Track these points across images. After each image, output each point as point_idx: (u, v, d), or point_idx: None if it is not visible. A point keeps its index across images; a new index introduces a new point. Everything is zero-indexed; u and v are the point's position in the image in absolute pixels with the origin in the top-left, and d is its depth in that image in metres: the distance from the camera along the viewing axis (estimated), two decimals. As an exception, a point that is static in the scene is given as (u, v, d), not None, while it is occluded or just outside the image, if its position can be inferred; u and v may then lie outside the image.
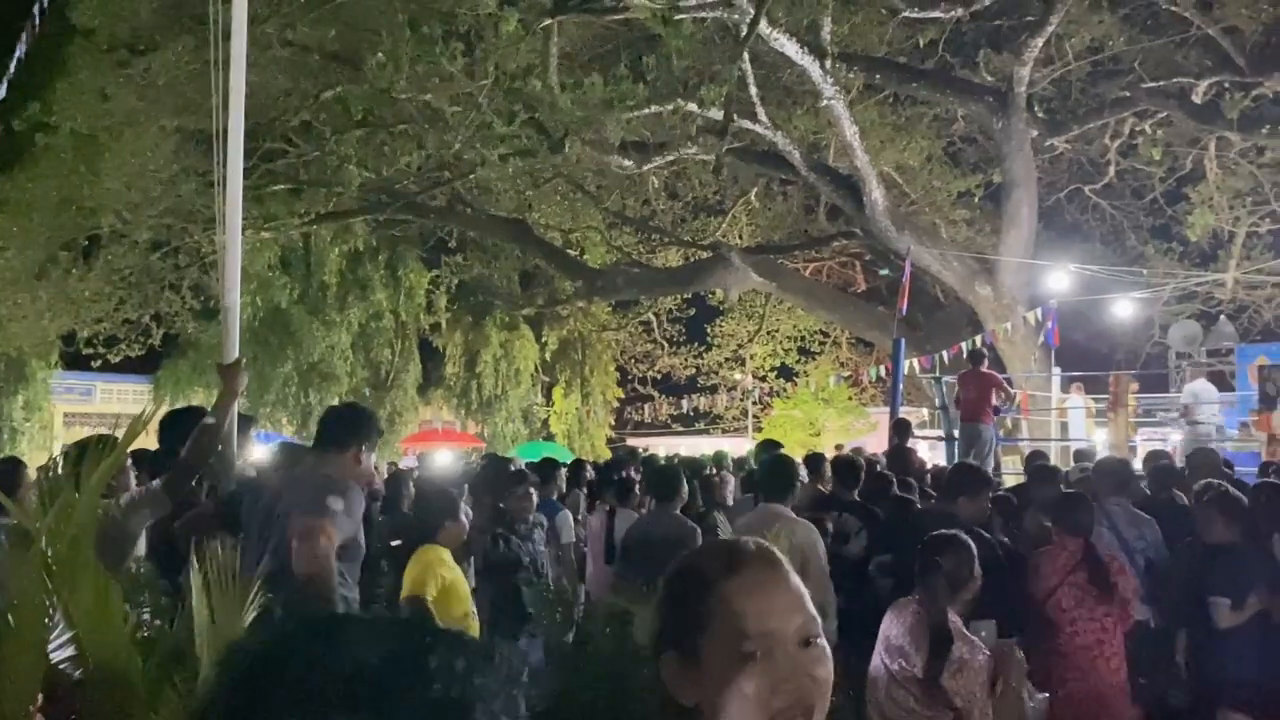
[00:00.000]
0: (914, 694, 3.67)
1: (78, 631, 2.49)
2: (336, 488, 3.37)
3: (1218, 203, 17.23)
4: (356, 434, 3.63)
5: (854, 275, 23.89)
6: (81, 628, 2.48)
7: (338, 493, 3.33)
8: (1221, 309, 18.70)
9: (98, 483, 2.62)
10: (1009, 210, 15.42)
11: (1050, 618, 4.56)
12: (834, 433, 28.49)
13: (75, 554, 2.50)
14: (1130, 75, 16.26)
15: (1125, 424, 12.42)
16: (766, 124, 14.30)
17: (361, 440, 3.63)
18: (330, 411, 4.01)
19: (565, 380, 27.26)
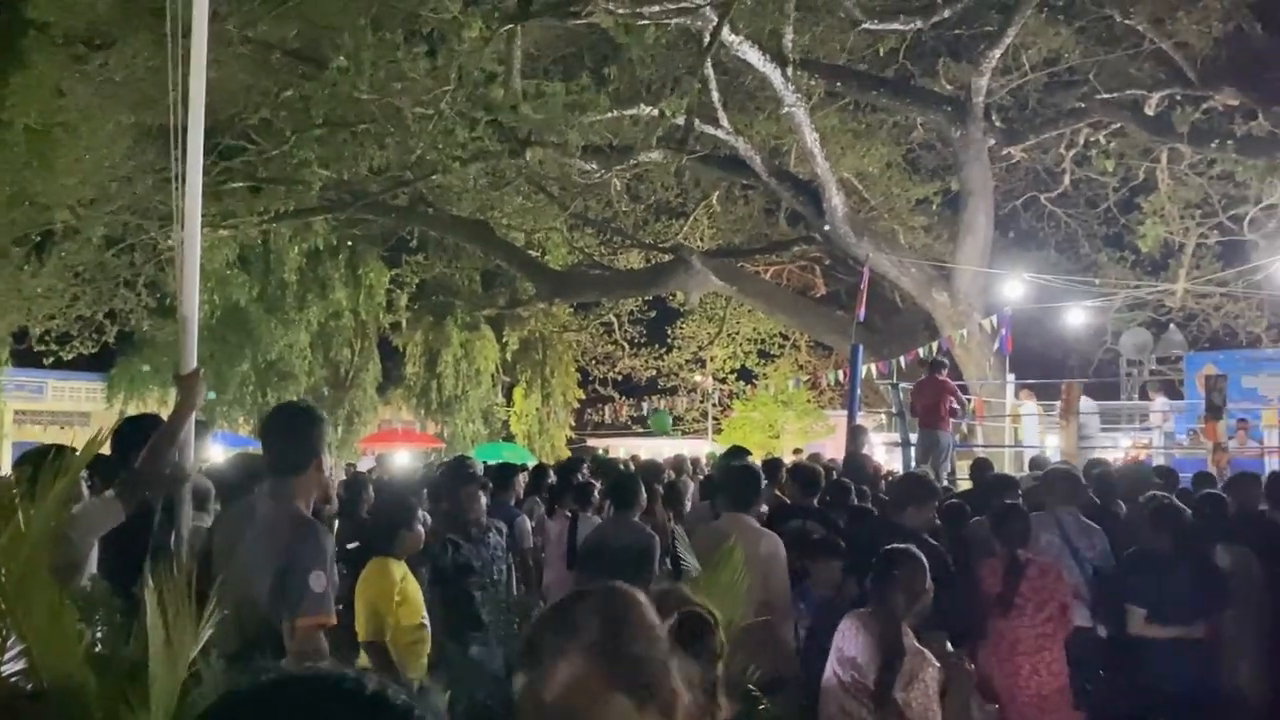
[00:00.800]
0: (866, 705, 3.73)
1: (31, 649, 2.47)
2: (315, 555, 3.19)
3: (1169, 213, 17.59)
4: (315, 449, 3.47)
5: (814, 280, 24.06)
6: (35, 645, 2.47)
7: (319, 565, 3.17)
8: (1171, 317, 19.11)
9: (54, 501, 2.60)
10: (966, 218, 15.64)
11: (992, 626, 4.65)
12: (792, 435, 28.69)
13: (29, 571, 2.49)
14: (1085, 86, 16.55)
15: (1075, 431, 12.65)
16: (728, 129, 14.39)
17: (320, 453, 3.50)
18: (280, 421, 3.60)
19: (526, 381, 27.21)
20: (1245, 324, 20.31)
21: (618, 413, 27.92)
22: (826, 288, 23.78)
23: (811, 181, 15.66)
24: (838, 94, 16.54)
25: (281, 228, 19.93)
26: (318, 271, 23.20)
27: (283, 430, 3.48)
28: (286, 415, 3.77)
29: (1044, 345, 19.73)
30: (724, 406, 30.85)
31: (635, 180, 20.51)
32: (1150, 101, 16.04)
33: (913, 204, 19.68)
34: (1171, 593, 4.97)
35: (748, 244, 22.30)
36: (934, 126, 16.80)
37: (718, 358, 27.54)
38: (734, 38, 11.79)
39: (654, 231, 22.52)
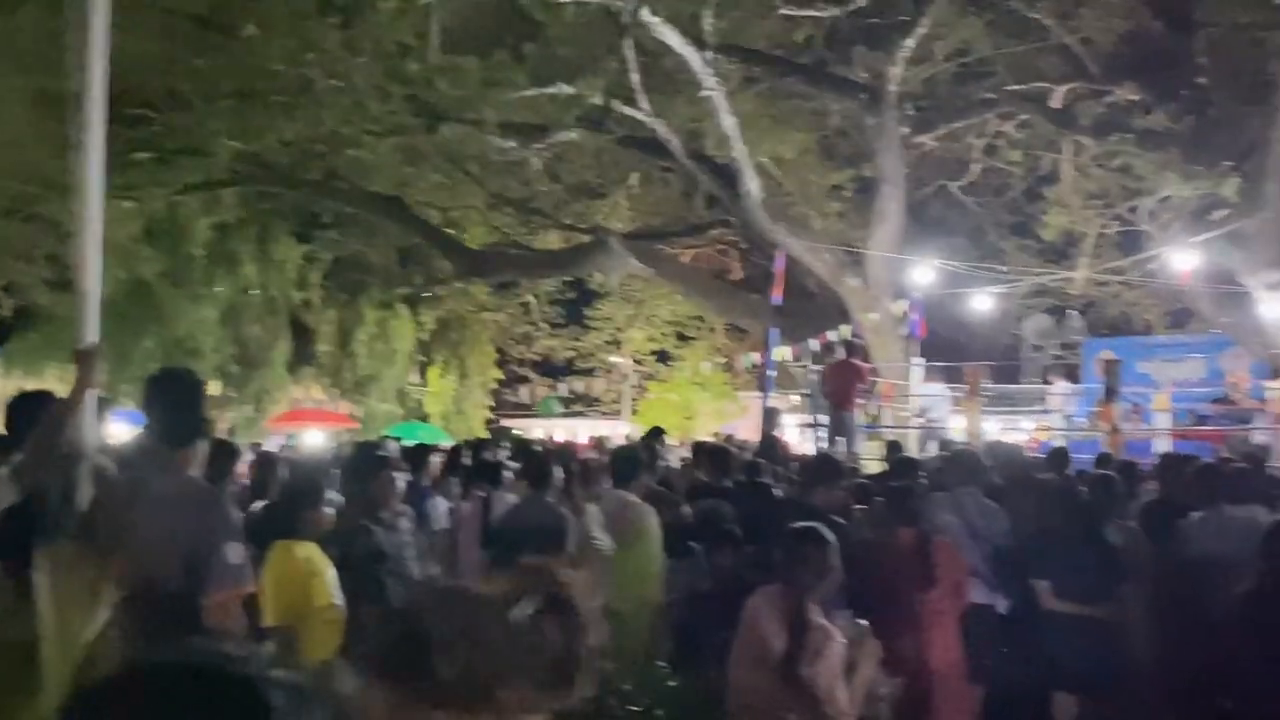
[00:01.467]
0: (772, 681, 3.80)
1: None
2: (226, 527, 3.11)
3: (1071, 203, 18.17)
4: (205, 418, 3.36)
5: (730, 263, 24.28)
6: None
7: (233, 536, 3.09)
8: (1072, 304, 19.79)
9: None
10: (878, 204, 15.93)
11: (891, 603, 4.77)
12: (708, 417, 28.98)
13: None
14: (994, 78, 16.98)
15: (979, 413, 13.04)
16: (647, 111, 14.41)
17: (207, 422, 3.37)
18: (169, 390, 3.44)
19: (442, 361, 26.90)
20: (1141, 311, 21.14)
21: (534, 393, 27.83)
22: (743, 271, 24.01)
23: (729, 165, 15.78)
24: (755, 79, 16.66)
25: (189, 200, 19.35)
26: (227, 246, 22.55)
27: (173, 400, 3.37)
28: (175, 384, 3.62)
29: (951, 330, 20.25)
30: (641, 388, 31.00)
31: (555, 160, 20.39)
32: (1056, 94, 16.55)
33: (827, 190, 19.95)
34: (1074, 571, 5.18)
35: (666, 226, 22.38)
36: (849, 114, 17.05)
37: (635, 339, 27.64)
38: (653, 19, 11.80)
39: (573, 212, 22.44)
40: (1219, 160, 13.38)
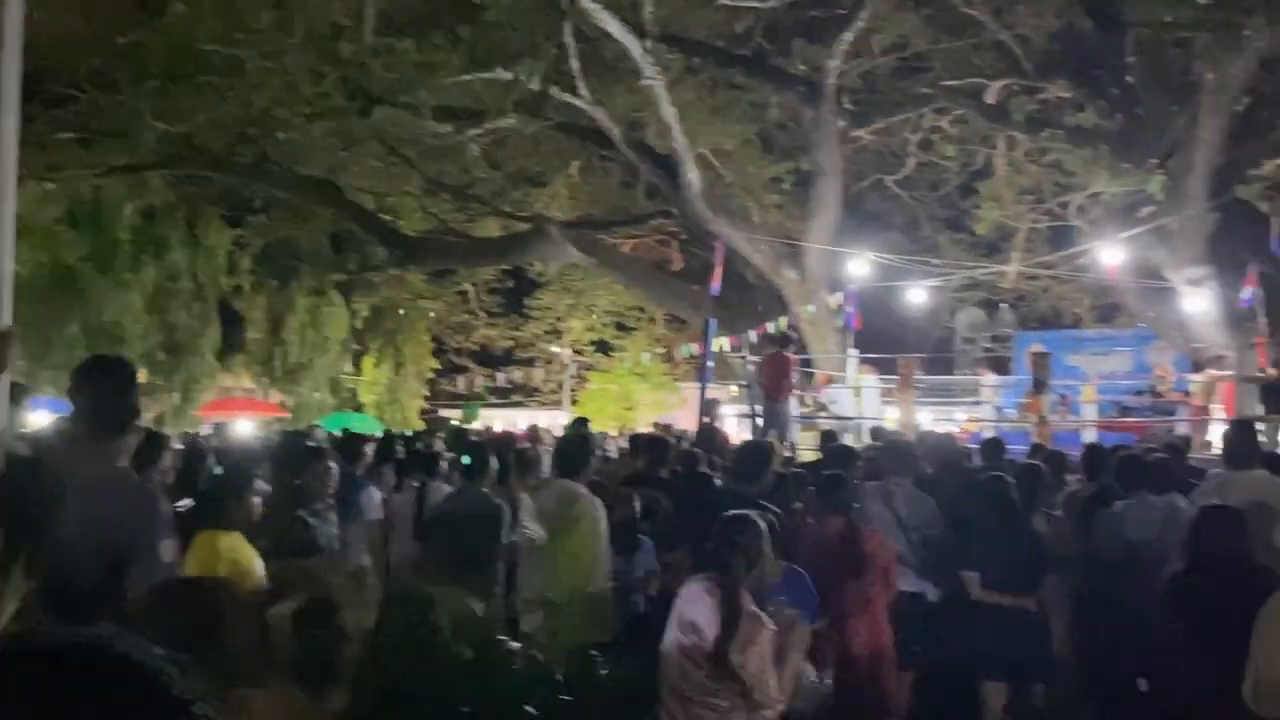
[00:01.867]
0: (704, 669, 3.81)
1: None
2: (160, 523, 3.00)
3: (1004, 199, 18.51)
4: (137, 406, 3.25)
5: (670, 254, 24.30)
6: None
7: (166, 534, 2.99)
8: (1003, 298, 20.19)
9: None
10: (816, 197, 16.06)
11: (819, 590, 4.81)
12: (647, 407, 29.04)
13: None
14: (931, 73, 17.21)
15: (912, 404, 13.23)
16: (587, 98, 14.34)
17: (139, 410, 3.27)
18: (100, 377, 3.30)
19: (377, 349, 26.57)
20: (1070, 305, 21.65)
21: (472, 383, 27.62)
22: (683, 262, 24.05)
23: (669, 155, 15.78)
24: (696, 69, 16.67)
25: (114, 183, 18.81)
26: (154, 231, 22.01)
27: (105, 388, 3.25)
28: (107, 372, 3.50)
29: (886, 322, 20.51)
30: (580, 378, 30.95)
31: (493, 146, 20.20)
32: (990, 90, 16.82)
33: (766, 182, 20.06)
34: (1001, 561, 5.26)
35: (606, 216, 22.31)
36: (787, 106, 17.15)
37: (575, 329, 27.57)
38: (594, 5, 11.74)
39: (512, 200, 22.26)
40: (1146, 158, 13.73)
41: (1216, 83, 12.15)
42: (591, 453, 5.69)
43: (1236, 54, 11.80)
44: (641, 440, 8.01)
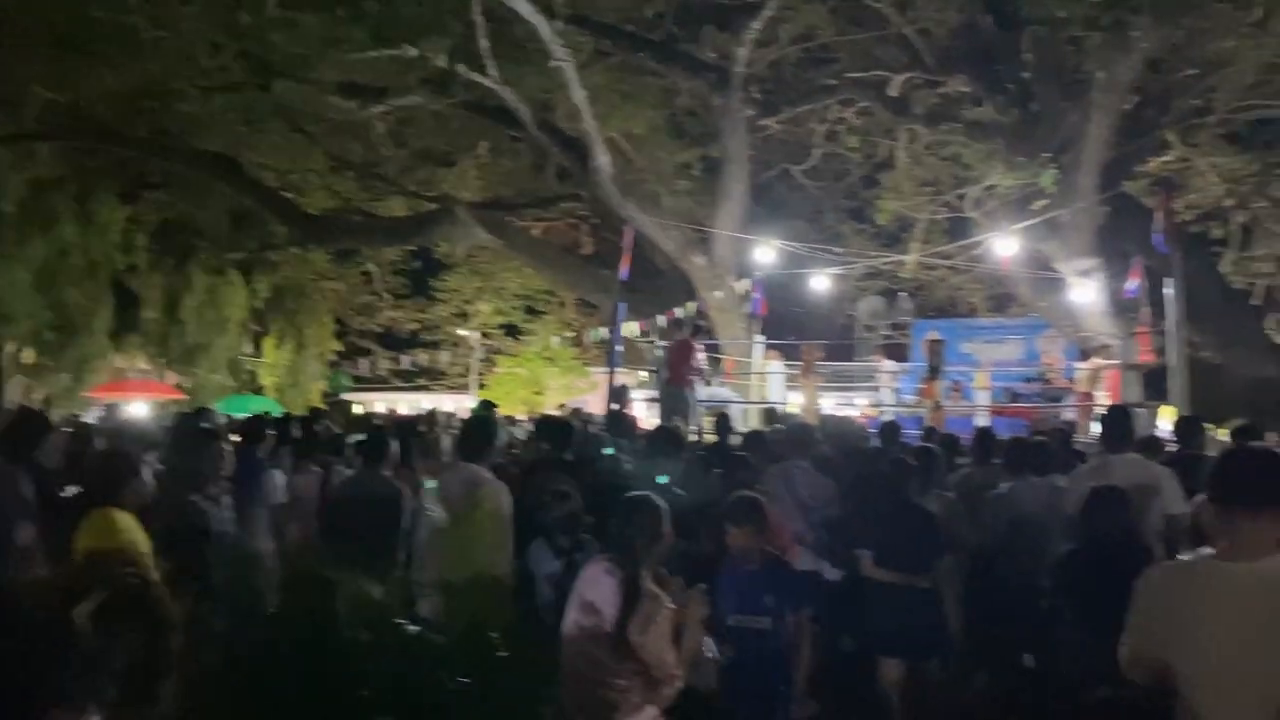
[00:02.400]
0: (604, 650, 3.85)
1: None
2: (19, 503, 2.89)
3: (905, 190, 18.95)
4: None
5: (581, 237, 24.23)
6: None
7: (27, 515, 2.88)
8: (903, 287, 20.69)
9: None
10: (724, 185, 16.21)
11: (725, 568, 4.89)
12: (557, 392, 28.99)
13: None
14: (836, 65, 17.49)
15: (814, 389, 13.50)
16: (496, 78, 14.21)
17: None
18: None
19: (278, 331, 25.90)
20: (966, 295, 22.32)
21: (376, 366, 27.13)
22: (593, 246, 24.00)
23: (579, 138, 15.75)
24: (606, 52, 16.64)
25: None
26: (42, 204, 21.04)
27: None
28: None
29: (791, 309, 20.85)
30: (489, 362, 30.70)
31: (400, 124, 19.88)
32: (894, 83, 17.17)
33: (675, 168, 20.15)
34: (895, 540, 5.42)
35: (516, 198, 22.14)
36: (697, 93, 17.26)
37: (483, 312, 27.31)
38: (503, -16, 11.61)
39: (419, 179, 21.94)
40: (1039, 152, 14.19)
41: (1106, 81, 12.62)
42: (494, 436, 5.68)
43: (1125, 54, 12.27)
44: (547, 423, 8.01)
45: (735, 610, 4.54)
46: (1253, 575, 2.50)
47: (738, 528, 4.62)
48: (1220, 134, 17.32)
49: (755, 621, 4.52)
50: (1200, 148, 17.70)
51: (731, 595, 4.57)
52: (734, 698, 4.43)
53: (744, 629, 4.51)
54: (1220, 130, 16.99)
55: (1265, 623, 2.46)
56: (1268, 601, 2.47)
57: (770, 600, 4.57)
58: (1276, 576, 2.49)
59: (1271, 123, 16.32)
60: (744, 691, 4.45)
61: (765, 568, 4.64)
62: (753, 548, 4.63)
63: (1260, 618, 2.46)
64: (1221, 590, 2.54)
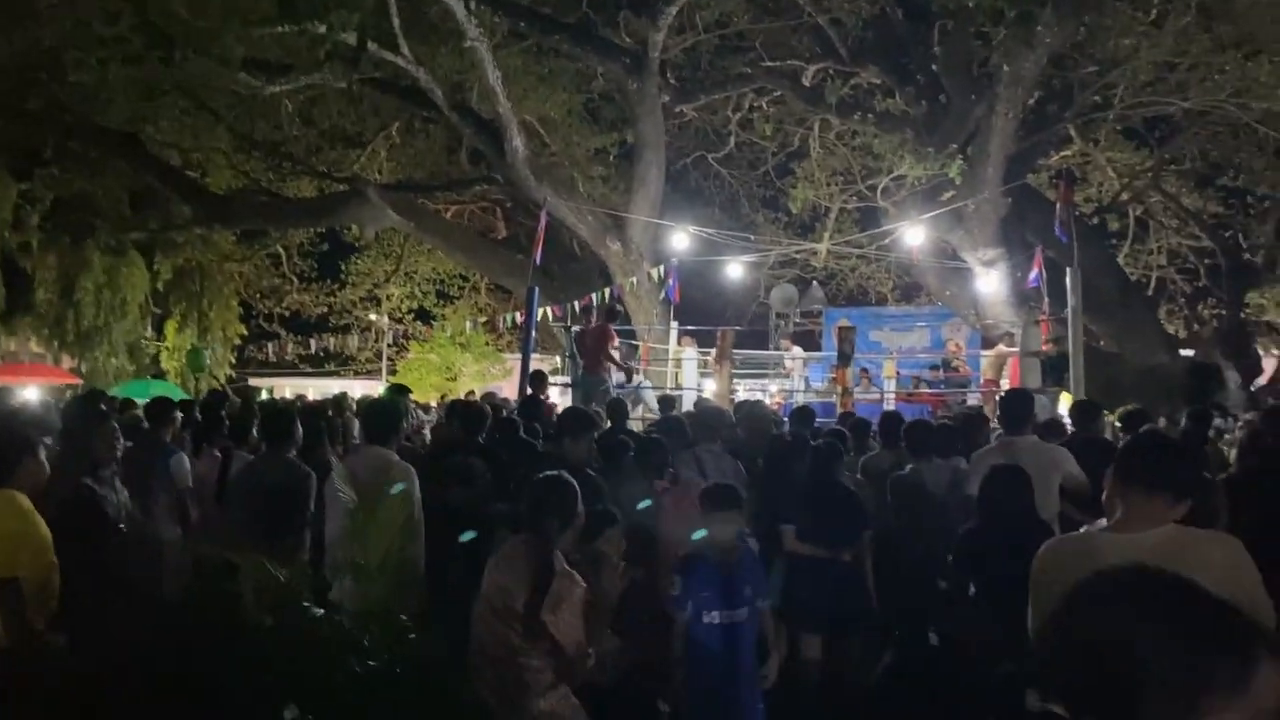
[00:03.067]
0: (515, 630, 3.82)
1: None
2: None
3: (817, 179, 19.22)
4: None
5: (495, 221, 24.01)
6: None
7: None
8: (815, 275, 21.03)
9: None
10: (639, 170, 16.22)
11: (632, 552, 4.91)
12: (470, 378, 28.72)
13: None
14: (752, 53, 17.63)
15: (728, 375, 13.63)
16: (409, 58, 13.96)
17: None
18: None
19: (180, 313, 25.08)
20: (875, 284, 22.77)
21: (283, 350, 26.50)
22: (507, 230, 23.82)
23: (493, 121, 15.58)
24: (521, 34, 16.49)
25: (-126, 123, 17.02)
26: (-76, 178, 20.03)
27: None
28: None
29: (706, 296, 21.02)
30: (400, 347, 30.25)
31: (309, 103, 19.41)
32: (807, 73, 17.39)
33: (591, 153, 20.11)
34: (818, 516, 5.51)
35: (428, 180, 21.80)
36: (613, 78, 17.21)
37: (394, 296, 26.86)
38: (416, -39, 11.40)
39: (328, 159, 21.46)
40: (947, 144, 14.53)
41: (1011, 76, 12.95)
42: (402, 418, 5.59)
43: (1029, 49, 12.60)
44: (458, 407, 7.94)
45: (720, 606, 4.39)
46: (1142, 544, 2.64)
47: (720, 514, 4.44)
48: (1118, 130, 17.97)
49: (736, 615, 4.41)
50: (1099, 143, 18.36)
51: (710, 590, 4.40)
52: (705, 697, 4.35)
53: (724, 625, 4.38)
54: (1118, 126, 17.63)
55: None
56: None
57: (748, 590, 4.46)
58: (1163, 544, 2.64)
59: (1166, 120, 16.99)
60: (716, 691, 4.37)
61: (743, 557, 4.53)
62: (733, 537, 4.47)
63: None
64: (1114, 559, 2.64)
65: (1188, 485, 2.78)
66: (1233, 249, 17.81)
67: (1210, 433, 7.80)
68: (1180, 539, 2.69)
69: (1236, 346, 14.94)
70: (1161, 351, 15.55)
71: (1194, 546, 2.67)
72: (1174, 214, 19.38)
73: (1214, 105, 14.53)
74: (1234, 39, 13.68)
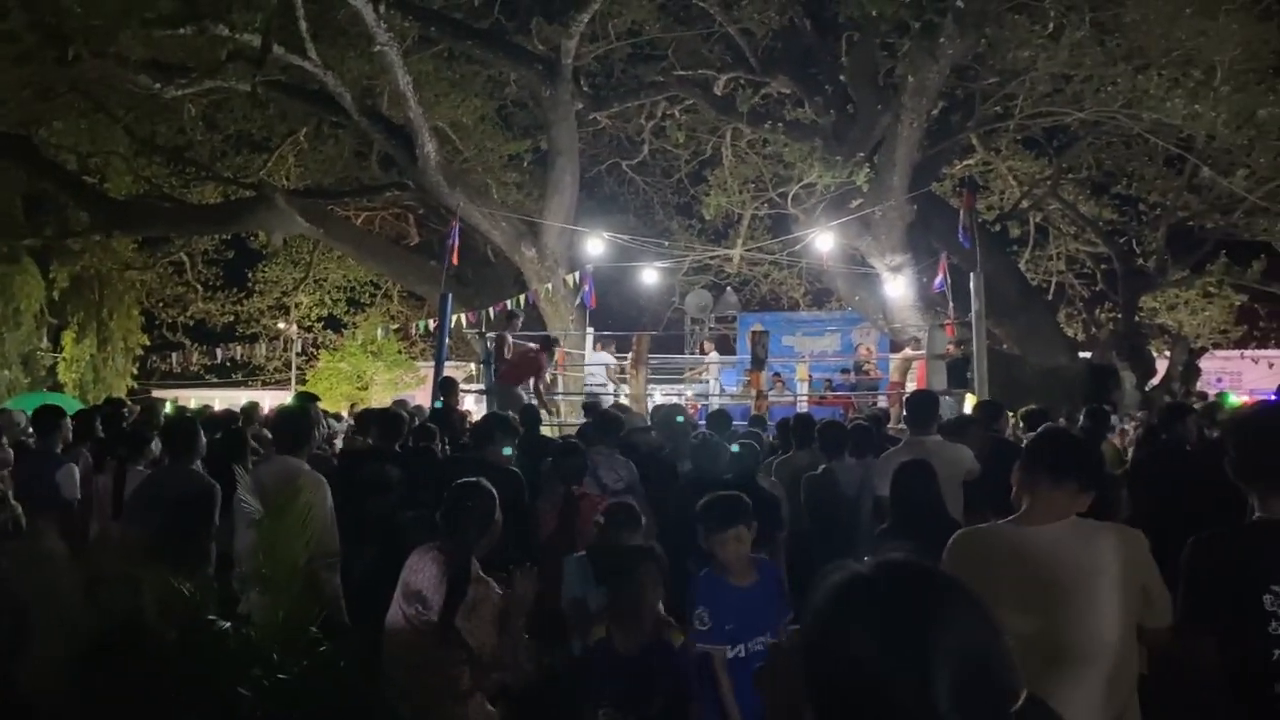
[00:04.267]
0: (429, 638, 3.79)
1: None
2: None
3: (730, 187, 19.44)
4: None
5: (407, 228, 23.70)
6: None
7: None
8: (729, 281, 21.25)
9: None
10: (554, 177, 16.20)
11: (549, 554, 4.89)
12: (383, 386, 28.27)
13: None
14: (664, 62, 17.78)
15: (644, 380, 13.69)
16: (316, 62, 13.73)
17: None
18: None
19: (78, 323, 24.16)
20: (787, 290, 23.11)
21: (188, 361, 25.71)
22: (420, 236, 23.54)
23: (404, 126, 15.41)
24: (432, 39, 16.35)
25: None
26: None
27: None
28: None
29: (621, 302, 21.09)
30: (309, 356, 29.63)
31: (213, 107, 18.93)
32: (718, 82, 17.60)
33: (505, 159, 20.01)
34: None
35: (338, 186, 21.40)
36: (526, 84, 17.18)
37: (303, 304, 26.27)
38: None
39: (234, 164, 20.93)
40: (854, 152, 14.82)
41: (916, 86, 13.28)
42: (312, 427, 5.50)
43: (933, 60, 12.95)
44: (370, 415, 7.82)
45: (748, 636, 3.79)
46: (1047, 536, 2.73)
47: (732, 531, 3.87)
48: (1018, 139, 18.56)
49: (761, 643, 3.80)
50: (1000, 152, 18.94)
51: (737, 618, 3.81)
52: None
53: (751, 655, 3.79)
54: (1018, 136, 18.20)
55: (1049, 579, 2.67)
56: (1053, 558, 2.68)
57: (771, 614, 3.87)
58: (1067, 536, 2.72)
59: (1063, 130, 17.60)
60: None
61: (764, 577, 4.00)
62: (746, 556, 3.93)
63: (1046, 574, 2.67)
64: (1015, 550, 2.73)
65: (1092, 477, 2.86)
66: (1127, 255, 18.52)
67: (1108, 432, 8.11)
68: (1084, 531, 2.76)
69: (1131, 348, 15.55)
70: (1061, 353, 16.09)
71: (1097, 538, 2.74)
72: (1071, 221, 20.08)
73: (1107, 116, 15.09)
74: (1125, 53, 14.23)
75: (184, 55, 13.68)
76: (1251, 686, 2.40)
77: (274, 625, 4.18)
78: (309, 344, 28.01)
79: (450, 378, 11.18)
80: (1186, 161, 16.70)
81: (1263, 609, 2.41)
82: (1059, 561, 2.69)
